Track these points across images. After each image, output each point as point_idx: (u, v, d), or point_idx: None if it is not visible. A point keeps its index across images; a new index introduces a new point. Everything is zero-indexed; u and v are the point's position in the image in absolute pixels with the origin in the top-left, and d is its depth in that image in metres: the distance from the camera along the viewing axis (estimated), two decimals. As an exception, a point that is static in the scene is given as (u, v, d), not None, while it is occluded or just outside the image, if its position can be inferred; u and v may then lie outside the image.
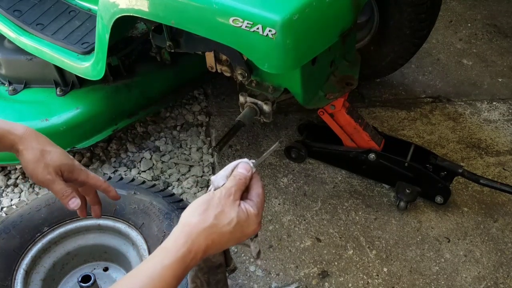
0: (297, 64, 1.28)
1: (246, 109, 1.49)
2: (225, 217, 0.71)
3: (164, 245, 0.70)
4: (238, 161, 0.80)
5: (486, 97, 2.26)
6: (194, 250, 0.69)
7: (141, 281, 0.66)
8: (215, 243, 0.71)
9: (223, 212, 0.71)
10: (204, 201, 0.73)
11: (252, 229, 0.74)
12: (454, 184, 1.81)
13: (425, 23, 1.85)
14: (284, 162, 1.93)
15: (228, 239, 0.72)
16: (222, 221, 0.70)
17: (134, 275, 0.68)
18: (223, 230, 0.71)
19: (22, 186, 1.86)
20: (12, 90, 1.83)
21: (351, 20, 1.38)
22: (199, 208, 0.72)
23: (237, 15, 1.15)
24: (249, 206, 0.74)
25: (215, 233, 0.70)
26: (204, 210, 0.71)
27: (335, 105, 1.64)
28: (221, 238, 0.71)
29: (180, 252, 0.67)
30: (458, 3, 2.88)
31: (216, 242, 0.71)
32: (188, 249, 0.68)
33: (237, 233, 0.72)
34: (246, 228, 0.73)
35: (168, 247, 0.69)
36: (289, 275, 1.57)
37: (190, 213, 0.72)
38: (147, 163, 1.93)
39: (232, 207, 0.72)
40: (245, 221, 0.72)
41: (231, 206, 0.72)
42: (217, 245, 0.72)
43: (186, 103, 2.19)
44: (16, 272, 1.19)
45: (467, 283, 1.56)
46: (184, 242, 0.68)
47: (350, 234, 1.69)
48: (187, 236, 0.69)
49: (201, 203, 0.72)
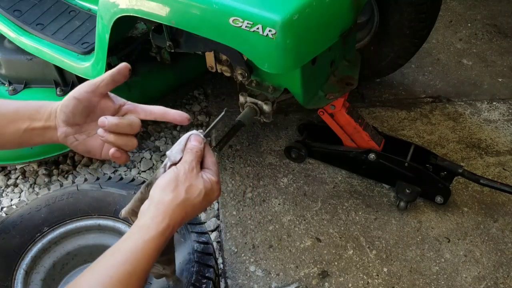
0: (297, 64, 1.28)
1: (246, 109, 1.49)
2: (194, 190, 0.78)
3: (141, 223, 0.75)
4: (189, 133, 0.85)
5: (486, 97, 2.26)
6: (172, 224, 0.75)
7: (124, 256, 0.70)
8: (188, 214, 0.78)
9: (192, 185, 0.78)
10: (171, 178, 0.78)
11: (216, 195, 0.82)
12: (454, 184, 1.81)
13: (425, 23, 1.85)
14: (284, 162, 1.93)
15: (198, 208, 0.80)
16: (193, 194, 0.78)
17: (114, 252, 0.71)
18: (194, 202, 0.78)
19: (22, 186, 1.86)
20: (12, 90, 1.83)
21: (351, 20, 1.38)
22: (169, 186, 0.77)
23: (237, 15, 1.15)
24: (210, 175, 0.82)
25: (188, 205, 0.78)
26: (175, 187, 0.77)
27: (335, 105, 1.64)
28: (193, 209, 0.79)
29: (160, 227, 0.73)
30: (458, 3, 2.88)
31: (189, 213, 0.78)
32: (167, 224, 0.74)
33: (205, 201, 0.80)
34: (212, 195, 0.81)
35: (147, 225, 0.73)
36: (289, 275, 1.57)
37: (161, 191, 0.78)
38: (147, 163, 1.93)
39: (197, 180, 0.79)
40: (210, 189, 0.80)
41: (197, 179, 0.79)
42: (190, 215, 0.79)
43: (186, 103, 2.19)
44: (16, 272, 1.19)
45: (467, 283, 1.56)
46: (162, 218, 0.74)
47: (350, 234, 1.69)
48: (164, 213, 0.75)
49: (170, 181, 0.78)
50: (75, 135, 0.85)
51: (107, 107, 0.86)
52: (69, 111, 0.83)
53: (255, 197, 1.80)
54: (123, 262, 0.69)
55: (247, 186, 1.84)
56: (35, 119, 0.84)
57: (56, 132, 0.84)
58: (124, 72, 0.86)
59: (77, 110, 0.83)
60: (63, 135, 0.84)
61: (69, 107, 0.83)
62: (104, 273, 0.68)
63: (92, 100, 0.84)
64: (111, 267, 0.69)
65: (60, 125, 0.84)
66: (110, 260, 0.70)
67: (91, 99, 0.84)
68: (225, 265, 1.60)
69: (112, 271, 0.68)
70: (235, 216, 1.74)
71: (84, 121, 0.86)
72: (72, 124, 0.84)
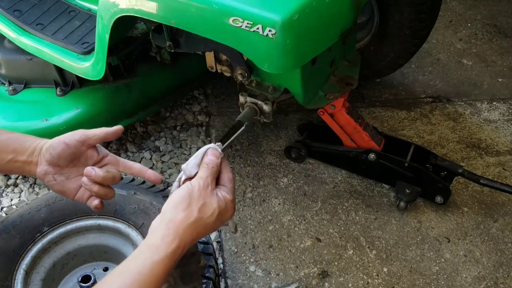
0: (297, 64, 1.28)
1: (246, 109, 1.49)
2: (207, 209, 0.76)
3: (151, 242, 0.72)
4: (207, 147, 0.82)
5: (486, 97, 2.26)
6: (182, 245, 0.73)
7: (131, 277, 0.68)
8: (199, 234, 0.76)
9: (205, 204, 0.76)
10: (185, 195, 0.76)
11: (230, 213, 0.80)
12: (454, 184, 1.81)
13: (425, 23, 1.85)
14: (284, 162, 1.93)
15: (210, 228, 0.77)
16: (206, 214, 0.75)
17: (122, 272, 0.70)
18: (207, 222, 0.76)
19: (22, 186, 1.86)
20: (12, 90, 1.82)
21: (351, 20, 1.38)
22: (182, 203, 0.75)
23: (237, 15, 1.15)
24: (225, 193, 0.79)
25: (200, 226, 0.75)
26: (188, 205, 0.75)
27: (335, 105, 1.64)
28: (205, 229, 0.76)
29: (170, 248, 0.71)
30: (458, 3, 2.88)
31: (200, 234, 0.76)
32: (177, 245, 0.72)
33: (218, 221, 0.77)
34: (225, 214, 0.78)
35: (157, 244, 0.71)
36: (289, 275, 1.57)
37: (173, 208, 0.75)
38: (147, 163, 1.93)
39: (212, 198, 0.77)
40: (224, 208, 0.78)
41: (211, 197, 0.77)
42: (201, 235, 0.77)
43: (186, 103, 2.19)
44: (16, 272, 1.19)
45: (467, 283, 1.56)
46: (172, 239, 0.72)
47: (350, 234, 1.69)
48: (175, 233, 0.72)
49: (183, 198, 0.76)
50: (54, 175, 0.89)
51: (91, 156, 0.91)
52: (56, 154, 0.87)
53: (255, 197, 1.80)
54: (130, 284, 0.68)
55: (247, 186, 1.84)
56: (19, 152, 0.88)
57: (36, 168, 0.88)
58: (118, 134, 0.91)
59: (63, 154, 0.88)
60: (42, 172, 0.88)
61: (57, 150, 0.87)
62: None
63: (80, 149, 0.89)
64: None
65: (42, 163, 0.88)
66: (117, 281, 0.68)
67: (80, 147, 0.89)
68: (225, 265, 1.60)
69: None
70: (235, 216, 1.74)
71: (67, 165, 0.90)
72: (55, 165, 0.88)
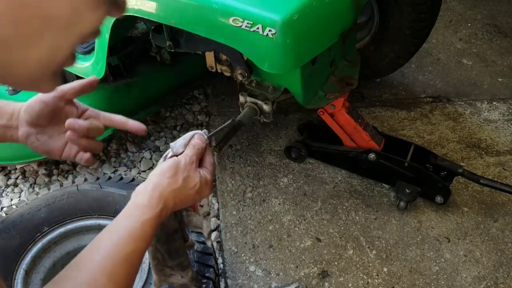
0: (297, 64, 1.28)
1: (246, 109, 1.49)
2: (191, 181, 0.82)
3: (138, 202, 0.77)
4: (194, 132, 0.90)
5: (486, 97, 2.26)
6: (166, 208, 0.78)
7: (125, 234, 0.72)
8: (180, 202, 0.82)
9: (189, 176, 0.82)
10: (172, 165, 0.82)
11: (207, 193, 0.86)
12: (454, 184, 1.81)
13: (425, 23, 1.86)
14: (284, 162, 1.93)
15: (189, 200, 0.83)
16: (188, 185, 0.82)
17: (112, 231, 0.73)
18: (188, 192, 0.82)
19: (22, 186, 1.86)
20: (12, 90, 1.82)
21: (351, 20, 1.38)
22: (168, 172, 0.81)
23: (237, 15, 1.15)
24: (206, 173, 0.85)
25: (182, 194, 0.81)
26: (174, 174, 0.81)
27: (335, 105, 1.64)
28: (185, 199, 0.82)
29: (157, 209, 0.76)
30: (458, 3, 2.88)
31: (181, 202, 0.82)
32: (162, 208, 0.77)
33: (196, 195, 0.83)
34: (203, 192, 0.85)
35: (144, 205, 0.76)
36: (289, 275, 1.57)
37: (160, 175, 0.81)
38: (147, 163, 1.93)
39: (195, 173, 0.83)
40: (204, 185, 0.84)
41: (194, 172, 0.83)
42: (181, 205, 0.83)
43: (186, 103, 2.19)
44: (16, 272, 1.19)
45: (467, 283, 1.56)
46: (158, 201, 0.77)
47: (350, 234, 1.69)
48: (160, 196, 0.78)
49: (170, 167, 0.82)
50: (36, 136, 0.88)
51: (71, 111, 0.91)
52: (34, 113, 0.86)
53: (255, 197, 1.80)
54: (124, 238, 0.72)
55: (247, 186, 1.84)
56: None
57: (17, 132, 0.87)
58: (93, 84, 0.92)
59: (42, 113, 0.87)
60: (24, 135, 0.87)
61: (35, 109, 0.86)
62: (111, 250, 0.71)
63: (58, 105, 0.89)
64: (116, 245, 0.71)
65: (23, 125, 0.87)
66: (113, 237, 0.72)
67: (58, 103, 0.89)
68: (225, 265, 1.60)
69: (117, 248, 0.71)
70: (235, 216, 1.74)
71: (48, 124, 0.89)
72: (35, 125, 0.87)
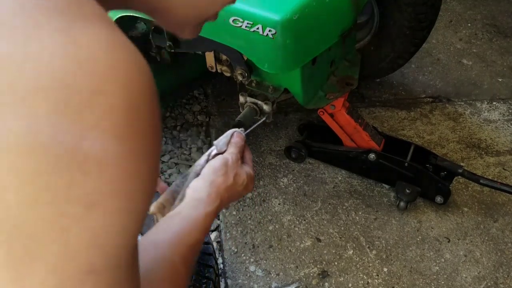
0: (297, 64, 1.28)
1: (246, 109, 1.49)
2: (239, 178, 0.85)
3: (198, 197, 0.80)
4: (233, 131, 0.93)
5: (486, 97, 2.26)
6: (221, 203, 0.82)
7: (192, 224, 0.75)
8: (231, 198, 0.85)
9: (238, 174, 0.85)
10: (222, 164, 0.85)
11: (251, 187, 0.89)
12: (454, 184, 1.81)
13: (425, 23, 1.85)
14: (284, 162, 1.93)
15: (238, 196, 0.87)
16: (238, 182, 0.85)
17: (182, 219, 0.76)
18: (238, 189, 0.85)
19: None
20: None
21: (351, 20, 1.38)
22: (220, 169, 0.84)
23: (237, 15, 1.15)
24: (249, 169, 0.89)
25: (233, 190, 0.84)
26: (225, 172, 0.84)
27: (335, 105, 1.64)
28: (236, 195, 0.86)
29: (215, 203, 0.80)
30: (458, 3, 2.88)
31: (232, 198, 0.85)
32: (219, 202, 0.81)
33: (244, 191, 0.87)
34: (248, 187, 0.88)
35: (205, 199, 0.79)
36: (289, 275, 1.57)
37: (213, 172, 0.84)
38: (147, 163, 1.92)
39: (241, 170, 0.86)
40: (249, 181, 0.88)
41: (241, 169, 0.87)
42: (232, 200, 0.86)
43: (186, 103, 2.19)
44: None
45: (467, 283, 1.56)
46: (215, 197, 0.81)
47: (350, 234, 1.69)
48: (217, 192, 0.81)
49: (221, 165, 0.85)
50: None
51: None
52: None
53: (255, 197, 1.80)
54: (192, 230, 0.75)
55: (247, 186, 1.84)
56: None
57: None
58: None
59: None
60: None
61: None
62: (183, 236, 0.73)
63: None
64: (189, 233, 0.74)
65: None
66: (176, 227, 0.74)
67: None
68: (225, 265, 1.60)
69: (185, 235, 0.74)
70: (235, 216, 1.74)
71: None
72: None
